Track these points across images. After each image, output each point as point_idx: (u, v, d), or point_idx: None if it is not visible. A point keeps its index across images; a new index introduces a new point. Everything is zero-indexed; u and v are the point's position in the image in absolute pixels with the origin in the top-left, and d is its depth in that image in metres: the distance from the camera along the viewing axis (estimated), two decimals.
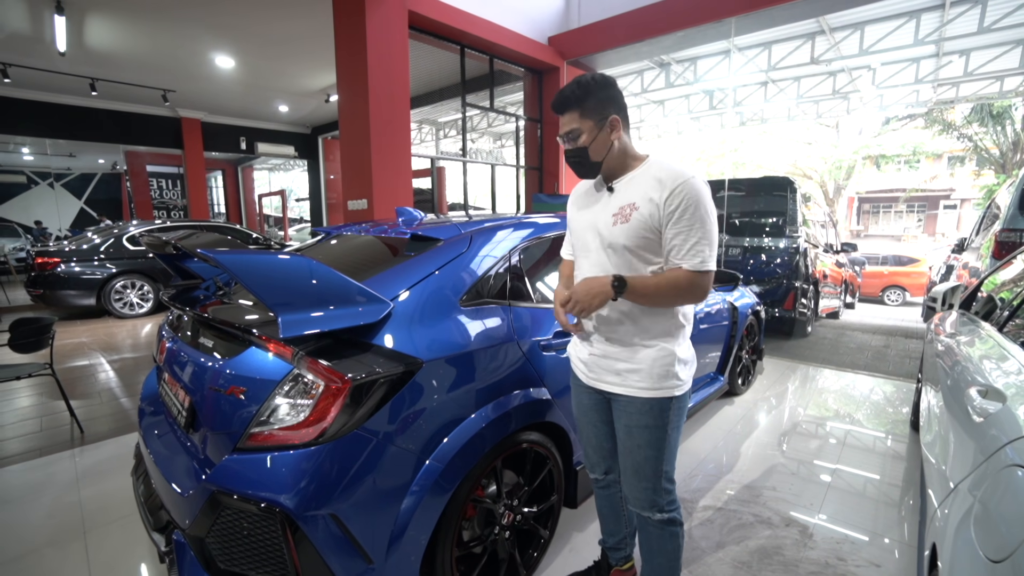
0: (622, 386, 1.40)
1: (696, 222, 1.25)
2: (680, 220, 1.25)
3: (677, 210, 1.25)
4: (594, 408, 1.53)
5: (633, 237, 1.31)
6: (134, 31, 6.46)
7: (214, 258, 1.27)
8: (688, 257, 1.26)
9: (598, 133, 1.33)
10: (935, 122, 17.17)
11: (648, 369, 1.36)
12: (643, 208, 1.29)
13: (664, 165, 1.31)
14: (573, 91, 1.32)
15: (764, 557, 1.96)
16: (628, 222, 1.31)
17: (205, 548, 1.32)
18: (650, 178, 1.30)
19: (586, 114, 1.32)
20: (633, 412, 1.39)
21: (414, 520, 1.37)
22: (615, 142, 1.34)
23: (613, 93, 1.34)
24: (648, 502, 1.43)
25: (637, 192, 1.31)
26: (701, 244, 1.25)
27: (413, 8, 4.80)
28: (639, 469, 1.41)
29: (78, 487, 2.48)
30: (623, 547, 1.71)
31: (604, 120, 1.32)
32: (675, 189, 1.25)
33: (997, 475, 0.98)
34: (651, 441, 1.38)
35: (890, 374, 4.39)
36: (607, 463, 1.60)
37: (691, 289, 1.28)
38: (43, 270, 6.40)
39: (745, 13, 5.19)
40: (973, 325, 2.03)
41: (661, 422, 1.38)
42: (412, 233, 1.89)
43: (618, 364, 1.40)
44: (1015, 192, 3.98)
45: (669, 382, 1.36)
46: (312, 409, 1.26)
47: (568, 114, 1.34)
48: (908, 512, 2.28)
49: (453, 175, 7.71)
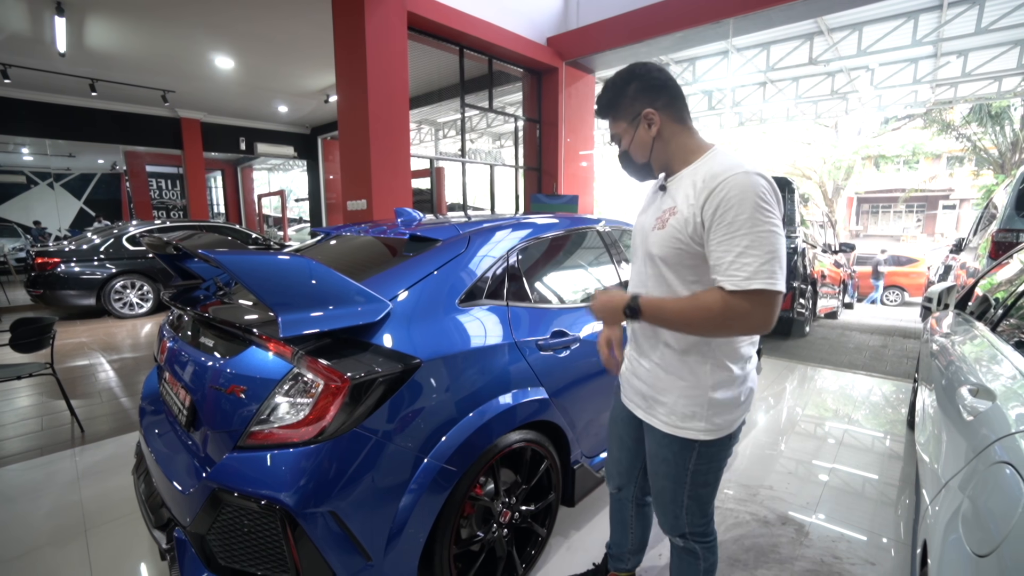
0: (646, 413, 1.29)
1: (741, 227, 0.98)
2: (721, 225, 1.01)
3: (718, 212, 1.01)
4: (624, 423, 1.45)
5: (664, 246, 1.12)
6: (134, 32, 6.47)
7: (214, 258, 1.28)
8: (730, 273, 0.99)
9: (634, 133, 1.19)
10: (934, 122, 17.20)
11: (671, 404, 1.20)
12: (682, 213, 1.09)
13: (716, 159, 1.10)
14: (603, 95, 1.21)
15: (760, 555, 1.98)
16: (664, 228, 1.13)
17: (206, 545, 1.33)
18: (697, 176, 1.09)
19: (619, 116, 1.21)
20: (654, 442, 1.29)
21: (412, 518, 1.39)
22: (654, 139, 1.18)
23: (643, 84, 1.16)
24: (668, 525, 1.35)
25: (680, 193, 1.12)
26: (749, 255, 0.97)
27: (412, 9, 4.81)
28: (659, 495, 1.33)
29: (79, 486, 2.50)
30: (624, 560, 1.69)
31: (636, 117, 1.17)
32: (716, 187, 1.01)
33: (985, 472, 0.99)
34: (669, 474, 1.27)
35: (888, 374, 4.41)
36: (621, 480, 1.55)
37: (727, 317, 0.99)
38: (43, 270, 6.41)
39: (743, 14, 5.21)
40: (967, 325, 2.05)
41: (681, 460, 1.23)
42: (411, 234, 1.90)
43: (646, 389, 1.28)
44: (1012, 192, 4.00)
45: (696, 423, 1.18)
46: (312, 408, 1.27)
47: (607, 120, 1.24)
48: (904, 511, 2.30)
49: (452, 175, 7.72)
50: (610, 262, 2.35)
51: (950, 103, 12.27)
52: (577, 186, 7.50)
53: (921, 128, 19.20)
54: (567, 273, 2.20)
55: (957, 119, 16.67)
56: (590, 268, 2.32)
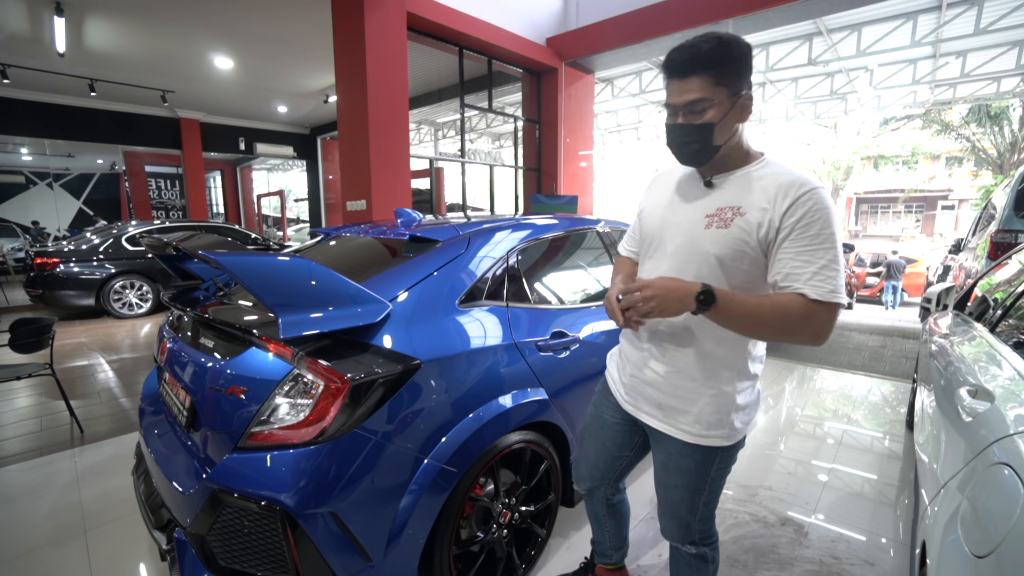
0: (664, 423, 1.22)
1: (826, 241, 0.99)
2: (804, 236, 1.00)
3: (801, 222, 1.00)
4: (614, 429, 1.38)
5: (728, 247, 1.07)
6: (133, 32, 6.47)
7: (215, 259, 1.29)
8: (814, 283, 0.98)
9: (730, 109, 1.05)
10: (933, 123, 17.24)
11: (698, 413, 1.16)
12: (751, 216, 1.05)
13: (787, 169, 1.07)
14: (713, 48, 1.02)
15: (759, 556, 1.98)
16: (727, 228, 1.07)
17: (206, 546, 1.34)
18: (767, 181, 1.05)
19: (723, 80, 1.03)
20: (673, 453, 1.23)
21: (412, 518, 1.39)
22: (740, 127, 1.09)
23: (751, 64, 1.08)
24: (679, 536, 1.32)
25: (745, 195, 1.07)
26: (831, 269, 0.98)
27: (412, 9, 4.82)
28: (674, 507, 1.28)
29: (78, 486, 2.50)
30: (608, 555, 1.69)
31: (738, 95, 1.06)
32: (800, 197, 1.00)
33: (984, 473, 1.00)
34: (689, 484, 1.23)
35: (887, 374, 4.41)
36: (594, 483, 1.51)
37: (806, 324, 0.99)
38: (42, 270, 6.40)
39: (743, 15, 5.22)
40: (966, 326, 2.05)
41: (704, 468, 1.21)
42: (411, 234, 1.90)
43: (664, 398, 1.21)
44: (1010, 193, 4.01)
45: (721, 431, 1.16)
46: (312, 409, 1.28)
47: (696, 78, 1.03)
48: (903, 511, 2.30)
49: (452, 176, 7.72)
50: (610, 262, 2.36)
51: (949, 103, 12.29)
52: (577, 187, 7.51)
53: (920, 128, 19.24)
54: (567, 274, 2.21)
55: (956, 119, 16.70)
56: (590, 269, 2.32)
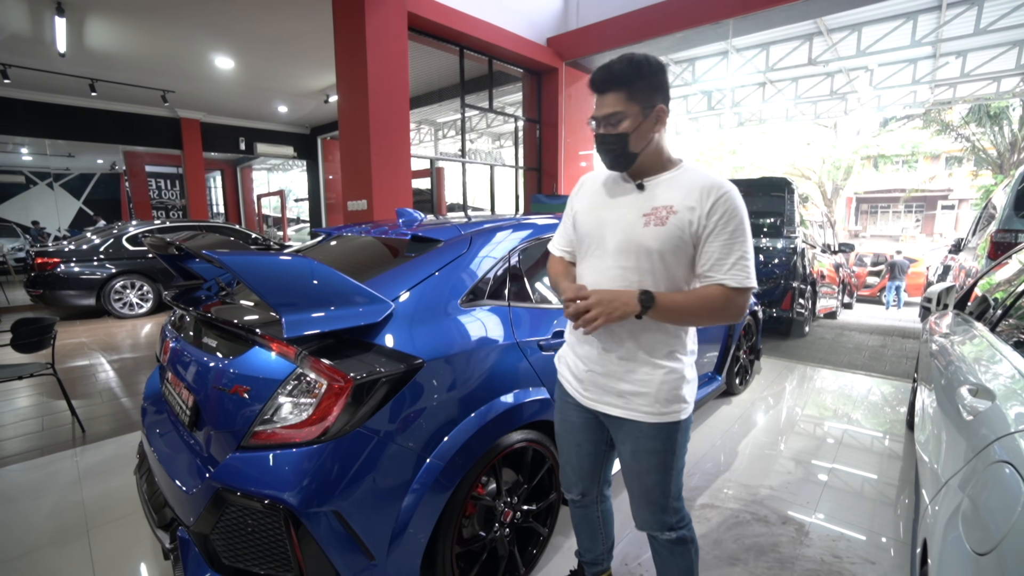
0: (626, 409, 1.29)
1: (739, 236, 1.17)
2: (723, 232, 1.16)
3: (721, 221, 1.16)
4: (583, 428, 1.44)
5: (667, 242, 1.20)
6: (134, 32, 6.47)
7: (218, 259, 1.29)
8: (732, 273, 1.16)
9: (642, 121, 1.18)
10: (933, 123, 17.25)
11: (655, 393, 1.26)
12: (682, 214, 1.18)
13: (704, 173, 1.22)
14: (623, 68, 1.16)
15: (760, 555, 1.98)
16: (663, 225, 1.19)
17: (209, 545, 1.34)
18: (690, 184, 1.20)
19: (634, 97, 1.17)
20: (640, 437, 1.30)
21: (415, 517, 1.39)
22: (655, 135, 1.22)
23: (664, 80, 1.20)
24: (658, 524, 1.36)
25: (674, 196, 1.20)
26: (745, 260, 1.17)
27: (412, 9, 4.82)
28: (648, 493, 1.34)
29: (80, 486, 2.50)
30: (600, 562, 1.67)
31: (652, 108, 1.19)
32: (719, 199, 1.16)
33: (985, 471, 1.00)
34: (659, 465, 1.31)
35: (887, 374, 4.42)
36: (584, 484, 1.52)
37: (727, 308, 1.18)
38: (43, 270, 6.41)
39: (743, 15, 5.22)
40: (967, 325, 2.06)
41: (670, 446, 1.30)
42: (412, 234, 1.91)
43: (622, 385, 1.29)
44: (1010, 193, 4.01)
45: (676, 406, 1.28)
46: (315, 408, 1.28)
47: (612, 94, 1.18)
48: (903, 510, 2.31)
49: (452, 176, 7.73)
50: None
51: (949, 103, 12.30)
52: None
53: (920, 128, 19.25)
54: None
55: (956, 119, 16.71)
56: None
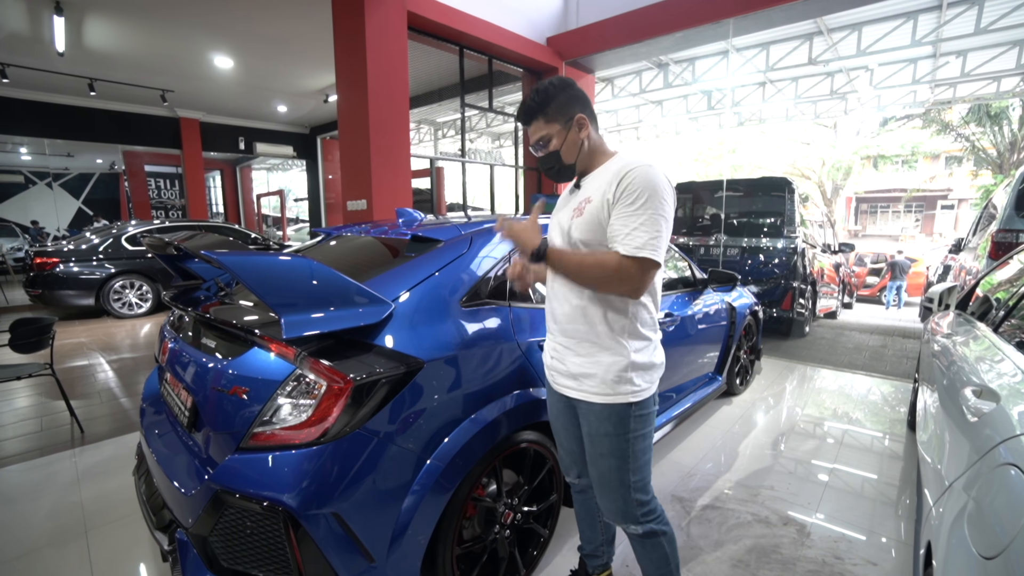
0: (578, 391, 1.35)
1: (641, 208, 1.18)
2: (623, 204, 1.20)
3: (623, 195, 1.20)
4: (564, 412, 1.49)
5: (585, 230, 1.28)
6: (133, 31, 6.46)
7: (217, 259, 1.28)
8: (626, 241, 1.18)
9: (567, 134, 1.31)
10: (932, 122, 17.25)
11: (602, 375, 1.30)
12: (596, 201, 1.26)
13: (623, 157, 1.30)
14: (533, 99, 1.32)
15: (762, 556, 1.98)
16: (582, 215, 1.29)
17: (208, 547, 1.33)
18: (608, 172, 1.28)
19: (551, 118, 1.31)
20: (592, 419, 1.34)
21: (415, 519, 1.38)
22: (585, 141, 1.33)
23: (574, 92, 1.32)
24: (620, 515, 1.38)
25: (595, 186, 1.29)
26: (642, 230, 1.17)
27: (412, 9, 4.80)
28: (604, 479, 1.36)
29: (79, 487, 2.49)
30: (600, 555, 1.69)
31: (570, 120, 1.31)
32: (625, 175, 1.21)
33: (991, 474, 0.99)
34: (613, 450, 1.33)
35: (887, 374, 4.41)
36: (578, 467, 1.56)
37: (619, 275, 1.18)
38: (42, 270, 6.39)
39: (743, 14, 5.21)
40: (969, 325, 2.05)
41: (622, 430, 1.32)
42: (412, 234, 1.90)
43: (573, 367, 1.35)
44: (1011, 193, 4.00)
45: (624, 387, 1.30)
46: (314, 409, 1.27)
47: (535, 123, 1.33)
48: (905, 511, 2.30)
49: (452, 175, 7.71)
50: None
51: (949, 103, 12.29)
52: None
53: (920, 128, 19.25)
54: None
55: (956, 119, 16.71)
56: None
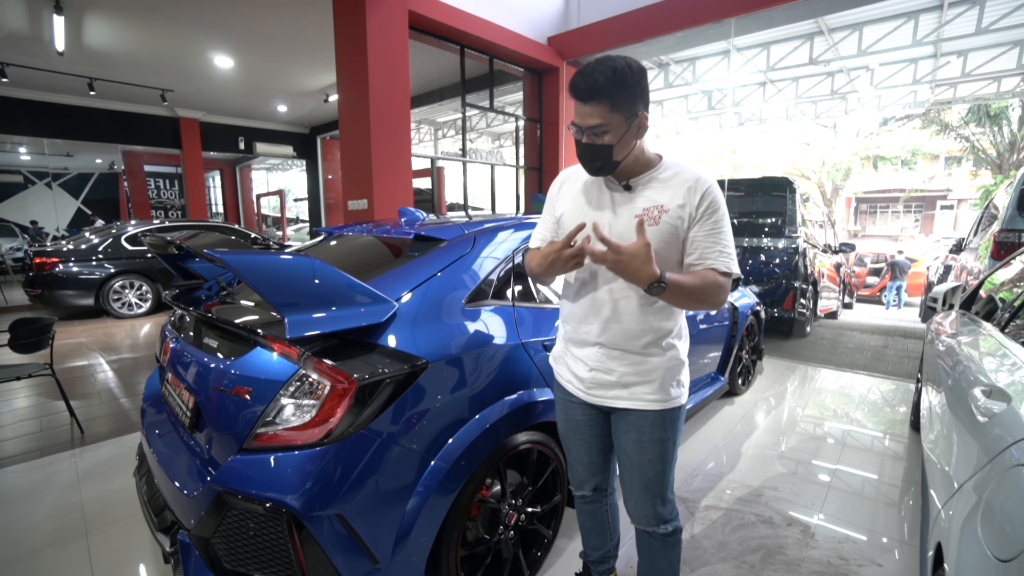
0: (630, 400, 1.32)
1: (723, 226, 1.23)
2: (708, 222, 1.22)
3: (707, 212, 1.21)
4: (588, 424, 1.44)
5: (662, 240, 1.22)
6: (133, 31, 6.44)
7: (220, 258, 1.27)
8: (720, 259, 1.21)
9: (626, 131, 1.16)
10: (932, 123, 17.26)
11: (661, 379, 1.30)
12: (673, 212, 1.22)
13: (687, 168, 1.26)
14: (608, 79, 1.10)
15: (767, 556, 1.97)
16: (658, 224, 1.22)
17: (210, 548, 1.32)
18: (676, 181, 1.24)
19: (617, 107, 1.13)
20: (645, 426, 1.32)
21: (419, 520, 1.37)
22: (637, 142, 1.22)
23: (645, 86, 1.18)
24: (654, 517, 1.38)
25: (663, 195, 1.24)
26: (729, 248, 1.23)
27: (413, 8, 4.79)
28: (649, 485, 1.35)
29: (79, 487, 2.48)
30: (607, 560, 1.66)
31: (634, 116, 1.16)
32: (705, 192, 1.22)
33: (1003, 475, 0.98)
34: (662, 455, 1.33)
35: (889, 374, 4.40)
36: (598, 479, 1.52)
37: (718, 292, 1.21)
38: (41, 270, 6.38)
39: (744, 14, 5.20)
40: (974, 325, 2.04)
41: (671, 434, 1.34)
42: (415, 233, 1.89)
43: (628, 379, 1.32)
44: (1013, 193, 4.00)
45: (677, 391, 1.33)
46: (318, 409, 1.26)
47: (595, 104, 1.13)
48: (908, 512, 2.29)
49: (452, 175, 7.70)
50: None
51: (949, 103, 12.30)
52: None
53: (920, 128, 19.26)
54: None
55: (956, 119, 16.72)
56: None
